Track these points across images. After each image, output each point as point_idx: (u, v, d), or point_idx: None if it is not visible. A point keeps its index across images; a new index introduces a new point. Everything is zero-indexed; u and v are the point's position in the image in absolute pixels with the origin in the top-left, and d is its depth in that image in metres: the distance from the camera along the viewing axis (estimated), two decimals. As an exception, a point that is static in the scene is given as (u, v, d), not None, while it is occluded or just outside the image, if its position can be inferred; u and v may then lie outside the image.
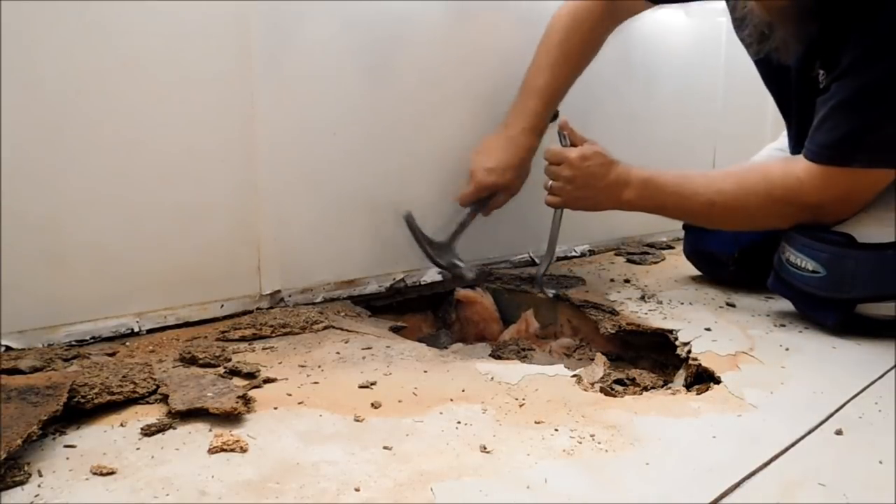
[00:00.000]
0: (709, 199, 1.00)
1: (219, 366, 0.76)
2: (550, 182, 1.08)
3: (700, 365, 0.82)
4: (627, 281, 1.22)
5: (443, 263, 1.10)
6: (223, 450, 0.57)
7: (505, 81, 1.24)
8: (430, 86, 1.13)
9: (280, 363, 0.79)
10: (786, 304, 1.02)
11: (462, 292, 1.18)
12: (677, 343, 0.91)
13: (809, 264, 0.92)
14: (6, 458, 0.51)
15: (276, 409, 0.66)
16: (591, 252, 1.47)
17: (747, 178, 0.99)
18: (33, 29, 0.76)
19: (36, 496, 0.50)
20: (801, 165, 0.92)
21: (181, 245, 0.91)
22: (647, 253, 1.44)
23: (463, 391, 0.72)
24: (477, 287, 1.19)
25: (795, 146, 1.02)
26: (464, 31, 1.17)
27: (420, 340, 1.01)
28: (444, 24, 1.14)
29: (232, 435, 0.59)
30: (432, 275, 1.18)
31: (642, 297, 1.10)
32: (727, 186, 0.99)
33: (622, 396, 0.75)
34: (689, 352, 0.87)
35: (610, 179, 1.03)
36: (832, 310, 0.92)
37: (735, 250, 1.15)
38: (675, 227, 1.38)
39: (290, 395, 0.70)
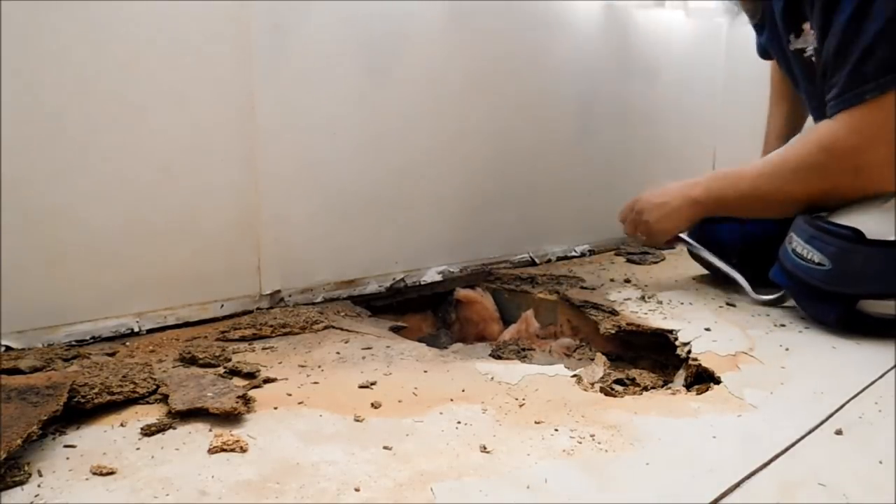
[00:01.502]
0: (753, 183, 1.01)
1: (219, 366, 0.76)
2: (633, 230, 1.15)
3: (700, 365, 0.82)
4: (627, 281, 1.22)
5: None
6: (223, 450, 0.57)
7: (505, 80, 1.24)
8: (431, 85, 1.13)
9: (280, 363, 0.79)
10: (786, 304, 1.02)
11: (462, 292, 1.18)
12: (677, 343, 0.91)
13: (815, 256, 0.91)
14: (6, 458, 0.51)
15: (276, 409, 0.66)
16: (591, 252, 1.47)
17: (786, 149, 1.00)
18: (33, 29, 0.76)
19: (36, 496, 0.50)
20: (828, 122, 0.92)
21: (181, 245, 0.91)
22: (647, 253, 1.44)
23: (463, 391, 0.72)
24: (477, 287, 1.19)
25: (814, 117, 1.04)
26: (464, 31, 1.17)
27: (420, 340, 1.01)
28: (445, 23, 1.14)
29: (232, 435, 0.59)
30: (432, 275, 1.18)
31: (642, 297, 1.10)
32: (768, 163, 1.01)
33: (622, 396, 0.75)
34: (689, 352, 0.87)
35: (676, 187, 1.08)
36: (833, 305, 0.91)
37: (738, 244, 1.15)
38: (675, 227, 1.38)
39: (290, 395, 0.70)
